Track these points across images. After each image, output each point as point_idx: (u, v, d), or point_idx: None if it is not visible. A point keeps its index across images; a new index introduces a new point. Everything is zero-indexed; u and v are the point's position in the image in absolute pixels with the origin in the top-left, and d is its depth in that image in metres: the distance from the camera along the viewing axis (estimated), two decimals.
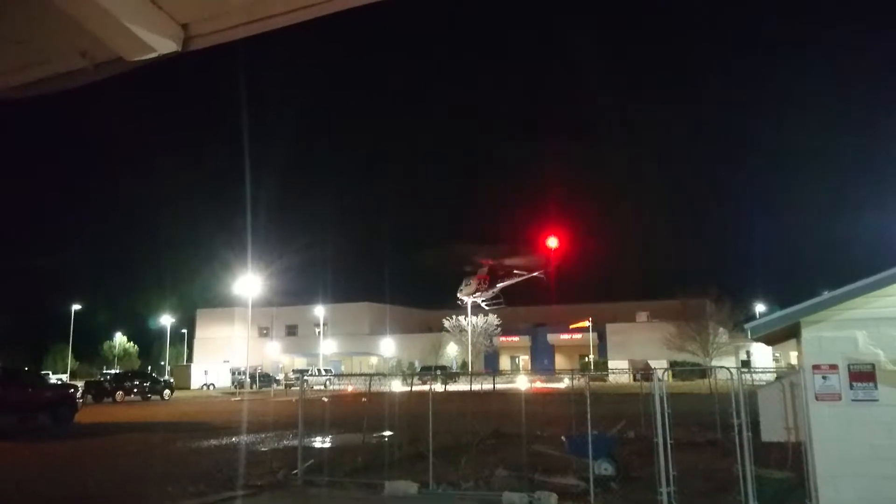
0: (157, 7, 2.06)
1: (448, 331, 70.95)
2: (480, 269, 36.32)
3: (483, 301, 36.94)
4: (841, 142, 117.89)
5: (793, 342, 11.51)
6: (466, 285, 36.39)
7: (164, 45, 2.11)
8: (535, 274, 36.09)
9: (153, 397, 44.76)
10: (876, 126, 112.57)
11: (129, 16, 2.00)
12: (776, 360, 58.81)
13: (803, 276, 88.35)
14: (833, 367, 8.44)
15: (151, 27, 2.06)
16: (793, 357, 50.80)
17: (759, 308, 67.48)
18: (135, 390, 44.38)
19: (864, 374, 8.31)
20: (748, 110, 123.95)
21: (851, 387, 8.34)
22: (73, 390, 28.77)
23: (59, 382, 42.31)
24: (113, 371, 64.54)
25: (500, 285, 36.43)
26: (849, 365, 8.37)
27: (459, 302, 36.87)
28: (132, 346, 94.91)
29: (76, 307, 74.59)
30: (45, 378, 36.75)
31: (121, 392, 43.00)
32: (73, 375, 71.82)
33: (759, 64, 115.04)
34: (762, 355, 59.15)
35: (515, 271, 36.20)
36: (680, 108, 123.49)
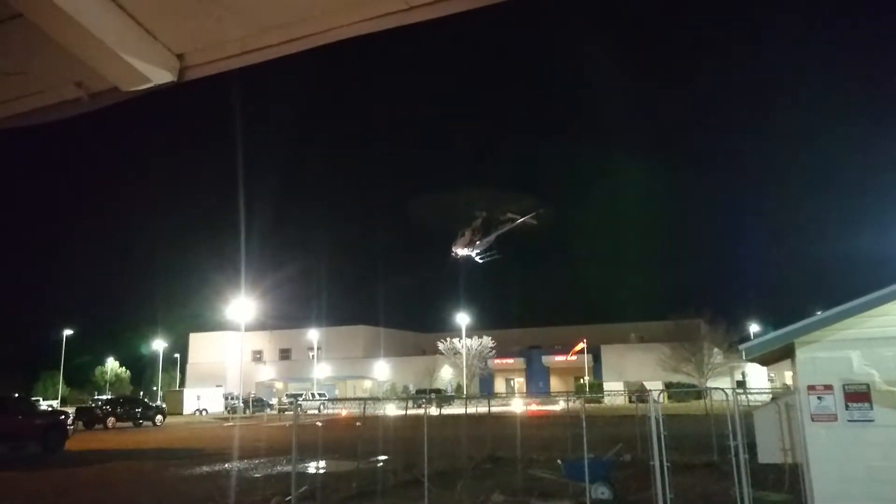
0: (152, 38, 2.07)
1: (442, 353, 70.66)
2: (475, 220, 36.40)
3: (478, 254, 36.78)
4: (836, 161, 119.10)
5: (788, 362, 11.51)
6: (461, 237, 36.38)
7: (159, 75, 2.12)
8: (525, 218, 36.10)
9: (145, 423, 44.28)
10: (870, 145, 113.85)
11: (125, 47, 2.01)
12: (771, 380, 58.73)
13: (798, 296, 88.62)
14: (828, 387, 8.44)
15: (147, 58, 2.07)
16: (788, 377, 50.74)
17: (754, 328, 67.55)
18: (126, 416, 43.93)
19: (859, 395, 8.30)
20: (740, 127, 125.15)
21: (847, 407, 8.32)
22: (63, 417, 28.39)
23: (50, 409, 41.80)
24: (104, 397, 63.76)
25: (494, 234, 36.35)
26: (844, 385, 8.36)
27: (454, 254, 36.68)
28: (124, 372, 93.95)
29: (68, 333, 73.99)
30: (35, 405, 36.25)
31: (112, 418, 42.51)
32: (63, 402, 70.93)
33: (754, 84, 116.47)
34: (757, 376, 59.08)
35: (509, 214, 36.18)
36: (673, 127, 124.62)
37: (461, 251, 36.29)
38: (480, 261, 36.70)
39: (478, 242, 35.79)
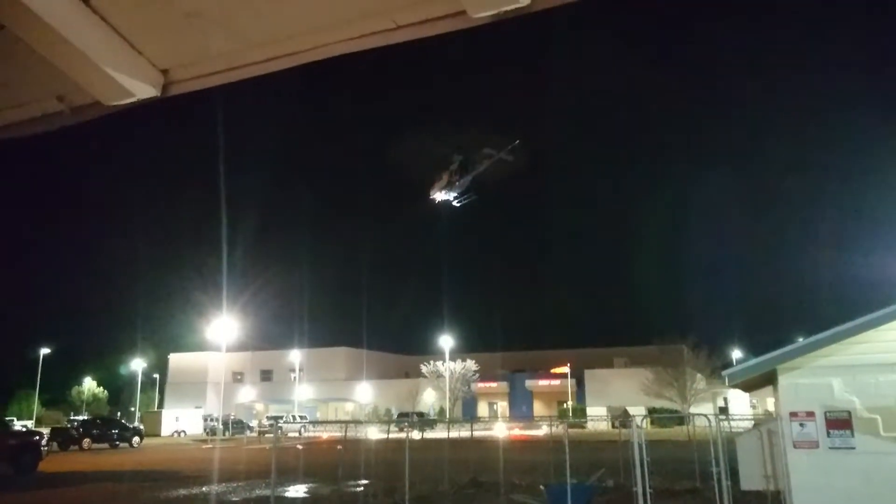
0: (137, 52, 2.05)
1: (425, 376, 70.21)
2: (451, 164, 36.27)
3: (455, 197, 36.53)
4: (820, 188, 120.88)
5: (770, 389, 11.54)
6: (438, 180, 36.19)
7: (143, 90, 2.10)
8: (501, 154, 35.79)
9: (122, 445, 43.52)
10: (853, 173, 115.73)
11: (108, 61, 1.99)
12: (753, 406, 58.87)
13: (780, 322, 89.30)
14: (810, 414, 8.46)
15: (131, 72, 2.05)
16: (769, 403, 50.90)
17: (736, 354, 67.86)
18: (102, 438, 43.13)
19: (840, 422, 8.33)
20: (726, 154, 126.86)
21: (829, 434, 8.34)
22: (37, 438, 27.78)
23: (24, 430, 40.93)
24: (80, 418, 62.55)
25: (472, 173, 36.10)
26: (825, 412, 8.39)
27: (432, 199, 36.46)
28: (102, 392, 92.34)
29: (44, 352, 72.71)
30: (8, 425, 35.48)
31: (88, 439, 41.75)
32: (38, 422, 69.48)
33: (737, 110, 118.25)
34: (739, 402, 59.22)
35: (485, 150, 35.90)
36: (655, 154, 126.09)
37: (439, 195, 36.11)
38: (458, 204, 36.44)
39: (456, 184, 35.64)
